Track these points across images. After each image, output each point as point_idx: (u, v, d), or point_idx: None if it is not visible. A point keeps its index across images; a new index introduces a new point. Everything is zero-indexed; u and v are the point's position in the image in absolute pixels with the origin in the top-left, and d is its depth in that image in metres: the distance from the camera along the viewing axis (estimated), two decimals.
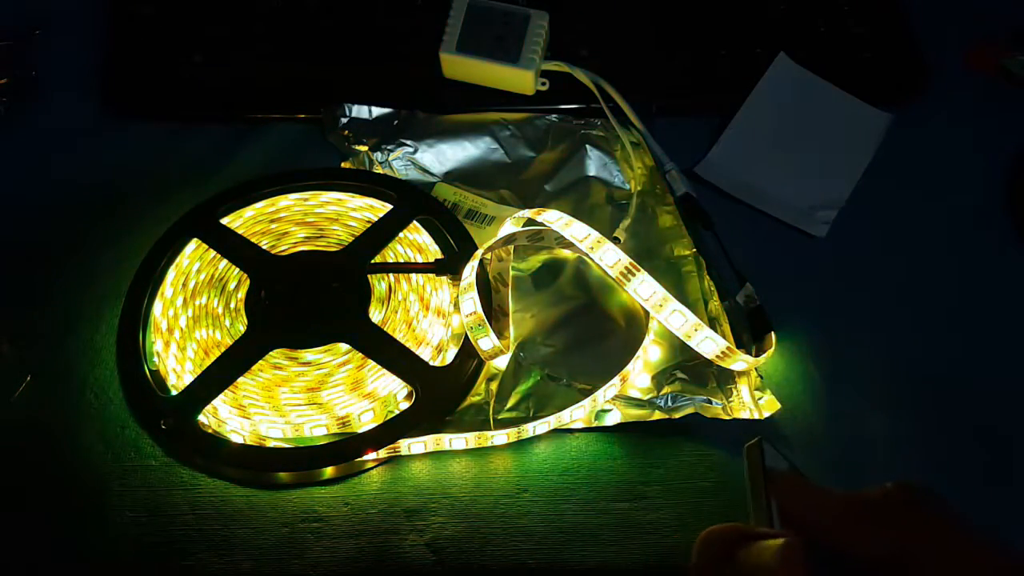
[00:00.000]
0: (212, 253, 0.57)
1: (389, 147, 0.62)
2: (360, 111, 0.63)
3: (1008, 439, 0.52)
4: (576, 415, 0.51)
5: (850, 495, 0.34)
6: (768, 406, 0.51)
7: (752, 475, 0.36)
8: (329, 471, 0.51)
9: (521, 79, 0.62)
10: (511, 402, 0.52)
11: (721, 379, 0.52)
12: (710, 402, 0.51)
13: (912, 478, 0.34)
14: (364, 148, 0.62)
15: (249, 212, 0.59)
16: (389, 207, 0.58)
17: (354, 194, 0.60)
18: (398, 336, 0.54)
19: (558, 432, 0.52)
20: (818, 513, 0.34)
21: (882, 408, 0.53)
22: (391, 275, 0.56)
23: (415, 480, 0.51)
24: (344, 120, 0.63)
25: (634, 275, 0.52)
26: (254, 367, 0.52)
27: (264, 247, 0.57)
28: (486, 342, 0.52)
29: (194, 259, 0.57)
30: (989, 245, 0.58)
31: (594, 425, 0.52)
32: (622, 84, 0.61)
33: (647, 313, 0.54)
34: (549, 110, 0.63)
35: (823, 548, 0.33)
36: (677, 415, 0.51)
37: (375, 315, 0.55)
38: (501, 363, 0.53)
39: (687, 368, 0.53)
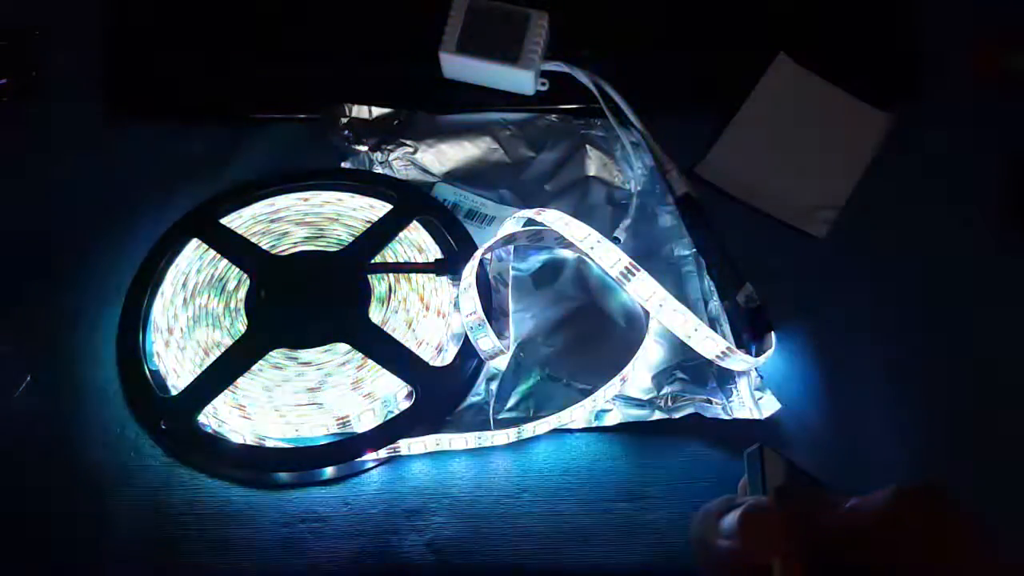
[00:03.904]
0: (212, 253, 0.57)
1: (389, 147, 0.62)
2: (360, 111, 0.63)
3: (1009, 438, 0.52)
4: (576, 415, 0.51)
5: (864, 505, 0.34)
6: (768, 406, 0.51)
7: (752, 482, 0.36)
8: (329, 471, 0.51)
9: (521, 79, 0.62)
10: (511, 402, 0.52)
11: (721, 379, 0.52)
12: (710, 402, 0.51)
13: (912, 478, 0.34)
14: (364, 148, 0.62)
15: (249, 212, 0.59)
16: (389, 207, 0.58)
17: (354, 194, 0.60)
18: (398, 336, 0.54)
19: (558, 432, 0.52)
20: (837, 529, 0.33)
21: (882, 408, 0.53)
22: (391, 275, 0.56)
23: (415, 480, 0.51)
24: (344, 120, 0.63)
25: (634, 275, 0.52)
26: (254, 367, 0.52)
27: (264, 247, 0.57)
28: (486, 342, 0.52)
29: (194, 259, 0.57)
30: (989, 245, 0.58)
31: (594, 425, 0.52)
32: (622, 84, 0.61)
33: (647, 313, 0.54)
34: (549, 110, 0.63)
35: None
36: (677, 415, 0.51)
37: (375, 315, 0.55)
38: (501, 363, 0.53)
39: (687, 368, 0.53)
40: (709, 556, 0.33)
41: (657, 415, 0.52)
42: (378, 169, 0.61)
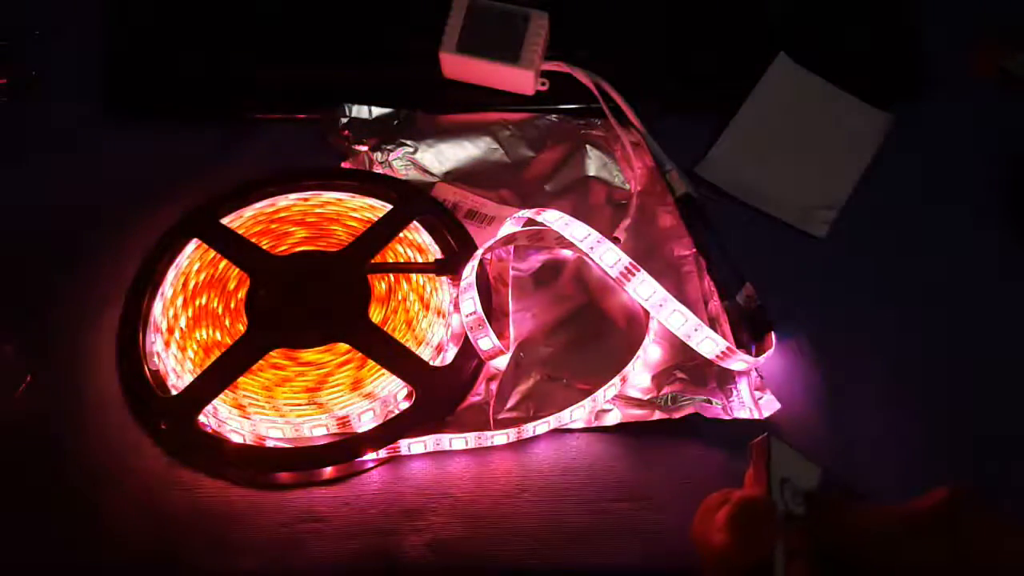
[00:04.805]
0: (212, 253, 0.57)
1: (389, 147, 0.62)
2: (360, 111, 0.63)
3: (1007, 437, 0.52)
4: (576, 415, 0.51)
5: (901, 508, 0.34)
6: (768, 406, 0.51)
7: (756, 473, 0.36)
8: (329, 471, 0.51)
9: (521, 79, 0.62)
10: (511, 402, 0.52)
11: (721, 379, 0.52)
12: (710, 402, 0.51)
13: (910, 478, 0.34)
14: (364, 148, 0.62)
15: (249, 212, 0.59)
16: (389, 207, 0.58)
17: (354, 194, 0.60)
18: (398, 336, 0.54)
19: (558, 432, 0.52)
20: (872, 531, 0.33)
21: (882, 408, 0.53)
22: (391, 275, 0.56)
23: (415, 480, 0.51)
24: (344, 120, 0.62)
25: (634, 275, 0.52)
26: (254, 367, 0.52)
27: (264, 247, 0.57)
28: (486, 342, 0.52)
29: (194, 259, 0.57)
30: (989, 245, 0.58)
31: (594, 425, 0.52)
32: (622, 84, 0.62)
33: (647, 313, 0.54)
34: (549, 110, 0.63)
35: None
36: (677, 415, 0.51)
37: (375, 315, 0.55)
38: (501, 363, 0.53)
39: (687, 368, 0.53)
40: (709, 550, 0.33)
41: (657, 415, 0.51)
42: (378, 169, 0.61)
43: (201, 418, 0.51)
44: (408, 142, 0.62)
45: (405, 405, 0.52)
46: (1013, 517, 0.32)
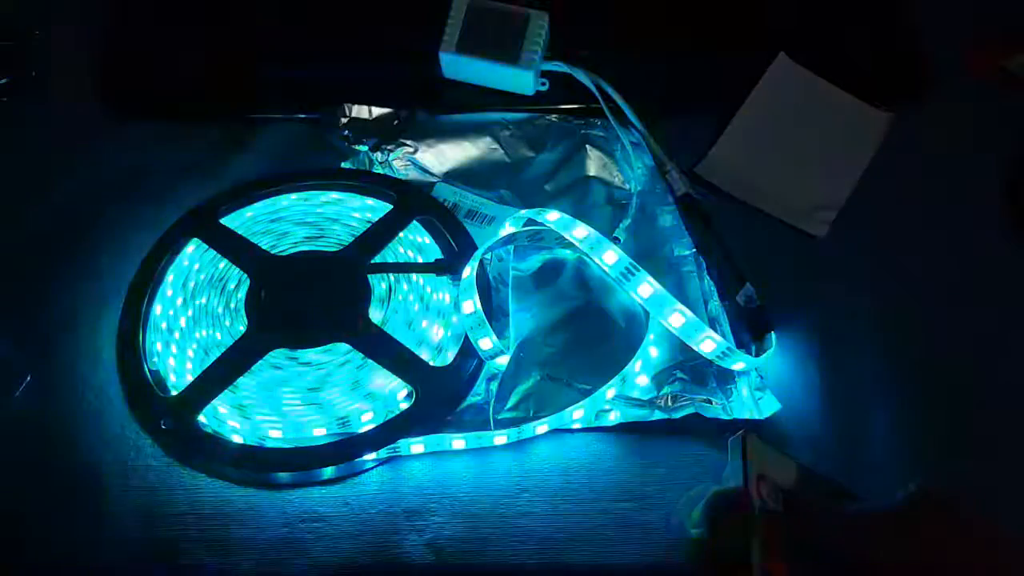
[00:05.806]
0: (212, 253, 0.57)
1: (389, 147, 0.62)
2: (360, 111, 0.63)
3: (1009, 438, 0.52)
4: (576, 415, 0.51)
5: (871, 511, 0.34)
6: (768, 406, 0.51)
7: (733, 469, 0.36)
8: (329, 471, 0.51)
9: (521, 79, 0.62)
10: (511, 402, 0.52)
11: (721, 379, 0.52)
12: (710, 402, 0.51)
13: (910, 478, 0.34)
14: (364, 148, 0.62)
15: (249, 212, 0.59)
16: (389, 207, 0.58)
17: (354, 194, 0.60)
18: (398, 336, 0.53)
19: (558, 432, 0.52)
20: (843, 535, 0.33)
21: (882, 408, 0.53)
22: (391, 275, 0.56)
23: (415, 480, 0.51)
24: (344, 120, 0.63)
25: (634, 275, 0.52)
26: (254, 367, 0.52)
27: (264, 247, 0.57)
28: (486, 342, 0.52)
29: (194, 259, 0.57)
30: (989, 245, 0.58)
31: (594, 425, 0.52)
32: (622, 84, 0.61)
33: (647, 313, 0.54)
34: (549, 110, 0.63)
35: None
36: (677, 415, 0.51)
37: (375, 315, 0.55)
38: (501, 363, 0.53)
39: (687, 368, 0.53)
40: (688, 546, 0.34)
41: (657, 415, 0.52)
42: (378, 169, 0.61)
43: (201, 418, 0.51)
44: (408, 142, 0.62)
45: (405, 405, 0.52)
46: (978, 514, 0.32)
